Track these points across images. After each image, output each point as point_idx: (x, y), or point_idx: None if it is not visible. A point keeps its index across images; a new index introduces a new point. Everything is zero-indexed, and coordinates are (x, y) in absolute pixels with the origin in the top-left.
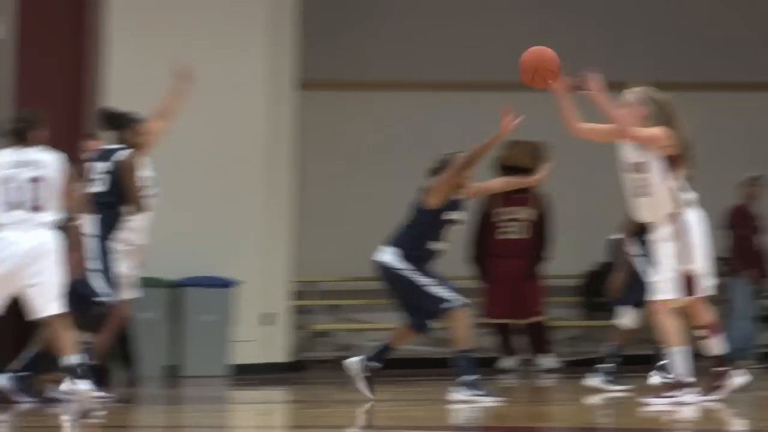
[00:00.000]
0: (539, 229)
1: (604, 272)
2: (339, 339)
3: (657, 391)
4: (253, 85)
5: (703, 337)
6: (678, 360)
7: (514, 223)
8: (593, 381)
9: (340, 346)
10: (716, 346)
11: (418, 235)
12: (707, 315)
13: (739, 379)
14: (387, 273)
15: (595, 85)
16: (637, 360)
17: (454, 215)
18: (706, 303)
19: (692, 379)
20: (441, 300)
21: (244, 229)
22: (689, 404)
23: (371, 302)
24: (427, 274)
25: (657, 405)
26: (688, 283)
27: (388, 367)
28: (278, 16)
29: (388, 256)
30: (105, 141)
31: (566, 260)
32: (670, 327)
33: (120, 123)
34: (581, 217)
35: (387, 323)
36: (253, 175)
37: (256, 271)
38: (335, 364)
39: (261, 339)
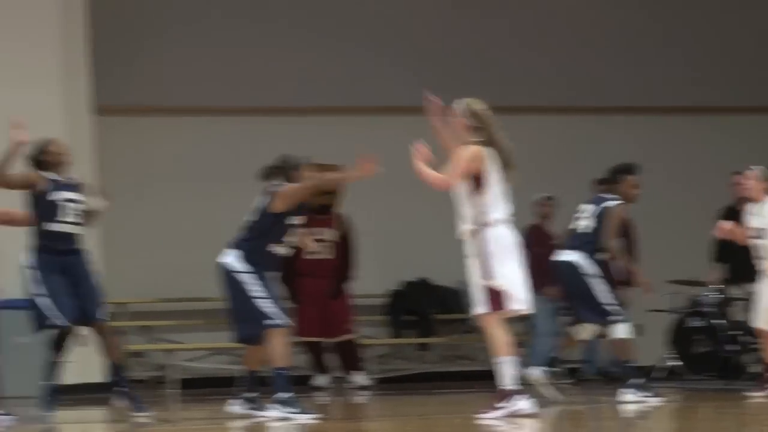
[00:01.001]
0: (343, 249)
1: (409, 291)
2: (153, 359)
3: None
4: (49, 113)
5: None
6: (505, 370)
7: (319, 244)
8: None
9: (154, 366)
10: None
11: (261, 237)
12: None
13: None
14: (226, 275)
15: (433, 110)
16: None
17: (296, 220)
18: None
19: (520, 388)
20: (265, 316)
21: None
22: (523, 412)
23: (182, 323)
24: (263, 283)
25: (490, 416)
26: (494, 297)
27: (195, 386)
28: (71, 43)
29: (230, 258)
30: None
31: (371, 279)
32: (496, 337)
33: None
34: (384, 236)
35: (200, 342)
36: None
37: None
38: (149, 384)
39: (77, 360)
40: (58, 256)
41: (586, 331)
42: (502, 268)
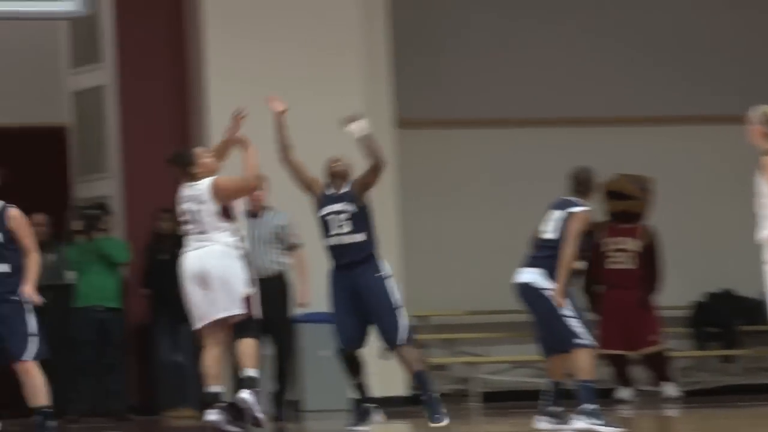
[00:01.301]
0: (648, 259)
1: (713, 302)
2: (455, 372)
3: None
4: None
5: None
6: None
7: (622, 254)
8: None
9: (456, 380)
10: None
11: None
12: None
13: None
14: (531, 293)
15: None
16: None
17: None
18: None
19: None
20: (573, 335)
21: None
22: None
23: (486, 335)
24: (570, 301)
25: None
26: None
27: (497, 400)
28: (373, 56)
29: (534, 276)
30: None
31: (674, 291)
32: None
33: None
34: (688, 247)
35: (503, 356)
36: None
37: None
38: (452, 398)
39: (380, 373)
40: (342, 271)
41: None
42: None
